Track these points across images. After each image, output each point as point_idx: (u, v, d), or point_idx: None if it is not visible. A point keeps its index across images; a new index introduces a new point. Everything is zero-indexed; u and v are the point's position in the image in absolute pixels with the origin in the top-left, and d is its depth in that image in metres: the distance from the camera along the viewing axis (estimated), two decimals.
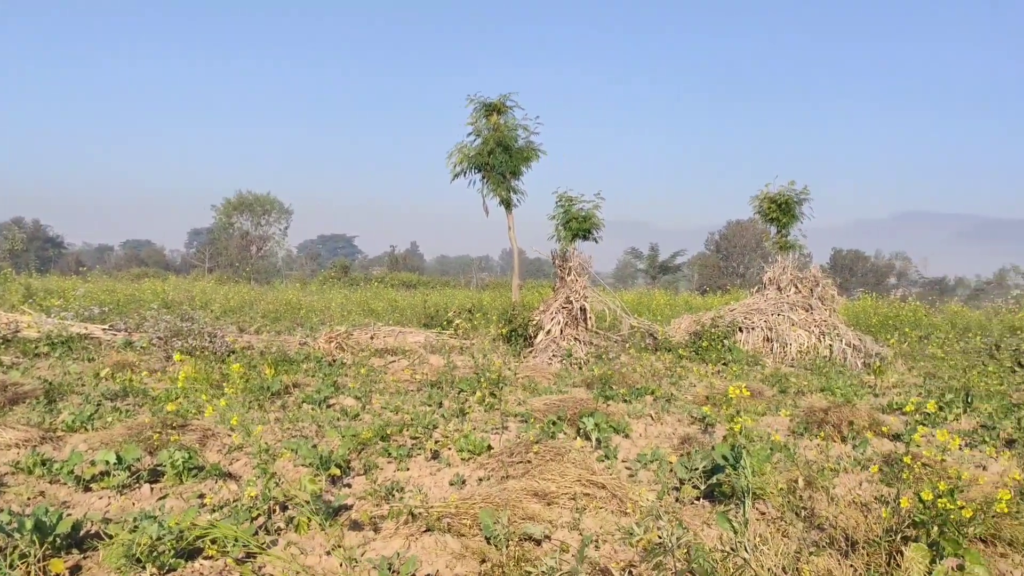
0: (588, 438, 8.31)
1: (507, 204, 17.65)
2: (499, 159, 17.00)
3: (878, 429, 8.50)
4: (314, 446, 7.30)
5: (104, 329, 15.41)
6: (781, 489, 5.69)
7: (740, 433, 6.07)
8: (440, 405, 10.15)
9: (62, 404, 9.49)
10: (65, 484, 6.43)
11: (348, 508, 6.01)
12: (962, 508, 4.32)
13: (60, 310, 16.66)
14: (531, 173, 18.05)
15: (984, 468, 7.53)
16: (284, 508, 5.87)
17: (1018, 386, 12.57)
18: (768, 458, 6.72)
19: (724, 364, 14.81)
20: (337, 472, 6.66)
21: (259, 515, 5.68)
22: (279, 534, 5.48)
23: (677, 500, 6.34)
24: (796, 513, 5.69)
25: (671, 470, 6.89)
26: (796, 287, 17.82)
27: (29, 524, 4.74)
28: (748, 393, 5.93)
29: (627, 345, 15.82)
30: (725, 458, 5.98)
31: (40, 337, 14.47)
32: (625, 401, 10.76)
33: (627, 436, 8.81)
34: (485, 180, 17.42)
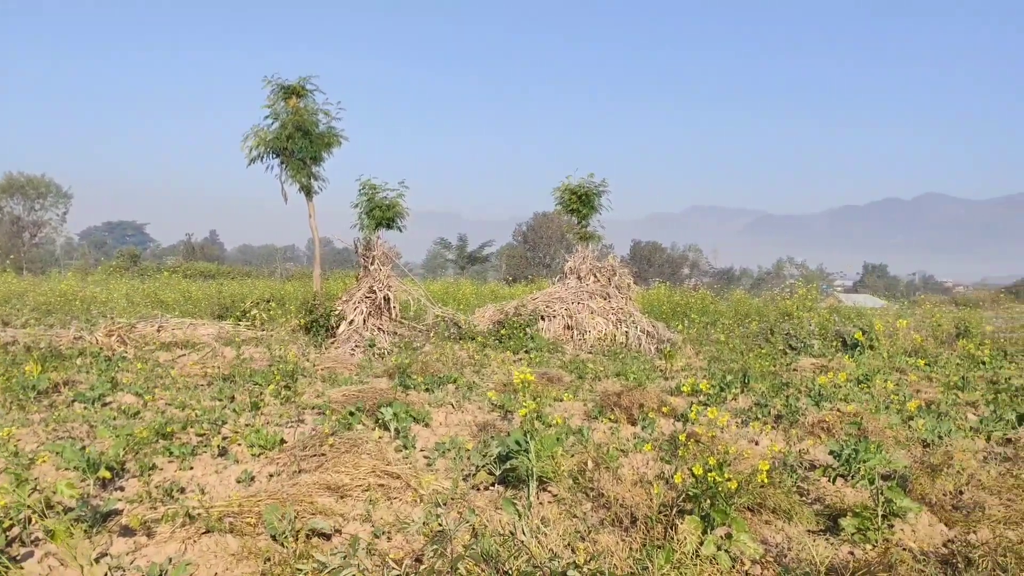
0: (387, 428, 8.16)
1: (308, 191, 17.00)
2: (299, 144, 16.33)
3: (665, 410, 8.97)
4: (83, 447, 6.65)
5: None
6: (571, 471, 5.83)
7: (535, 419, 6.16)
8: (232, 399, 9.62)
9: None
10: None
11: (118, 513, 5.51)
12: (729, 480, 4.60)
13: None
14: (337, 161, 17.55)
15: (756, 443, 8.14)
16: (43, 517, 5.28)
17: (787, 366, 13.77)
18: (561, 442, 6.88)
19: (526, 352, 15.13)
20: (108, 475, 6.08)
21: (12, 526, 5.08)
22: (36, 545, 4.93)
23: (473, 487, 6.35)
24: (586, 493, 5.86)
25: (468, 457, 6.89)
26: (595, 276, 18.54)
27: None
28: (532, 378, 6.03)
29: (431, 334, 15.79)
30: (518, 443, 6.04)
31: None
32: (427, 390, 10.70)
33: (427, 425, 8.74)
34: (284, 166, 16.66)
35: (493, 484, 6.35)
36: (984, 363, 14.04)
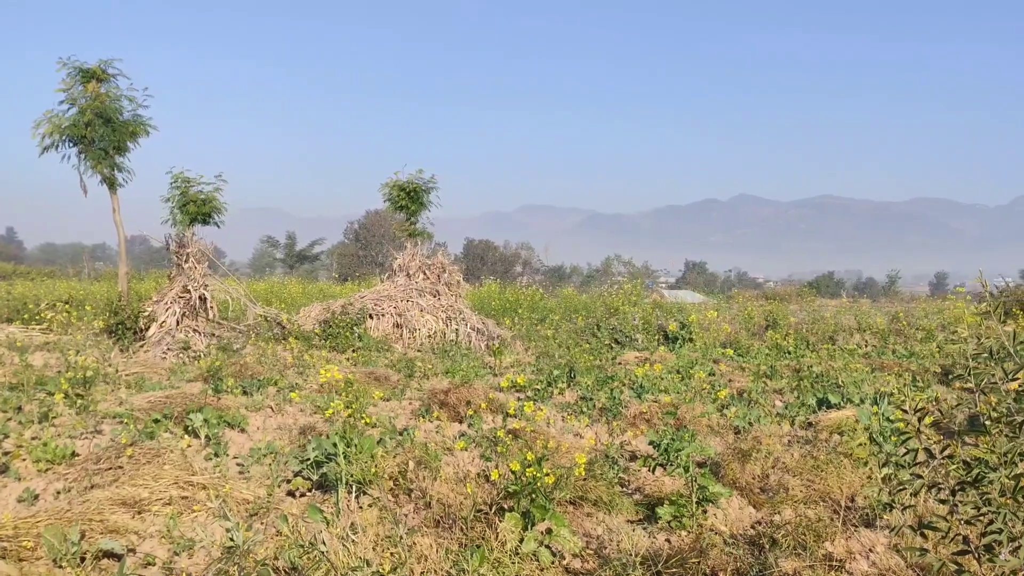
0: (197, 435, 7.63)
1: (111, 183, 15.63)
2: (99, 132, 14.96)
3: (492, 407, 8.94)
4: None
5: None
6: (391, 474, 5.65)
7: (358, 419, 5.93)
8: (19, 410, 8.70)
9: None
10: None
11: None
12: (547, 476, 4.57)
13: None
14: (149, 152, 16.29)
15: (580, 436, 8.26)
16: None
17: (613, 360, 14.19)
18: (384, 443, 6.68)
19: (353, 351, 14.74)
20: None
21: None
22: None
23: (288, 493, 6.02)
24: (408, 495, 5.69)
25: (285, 463, 6.54)
26: (425, 274, 18.38)
27: None
28: (340, 376, 5.80)
29: (252, 335, 15.05)
30: (335, 446, 5.79)
31: None
32: (244, 393, 10.14)
33: (243, 431, 8.26)
34: (83, 155, 15.24)
35: (310, 490, 6.05)
36: (789, 352, 15.09)
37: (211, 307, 14.98)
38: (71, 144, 15.19)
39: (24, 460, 6.73)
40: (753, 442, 6.59)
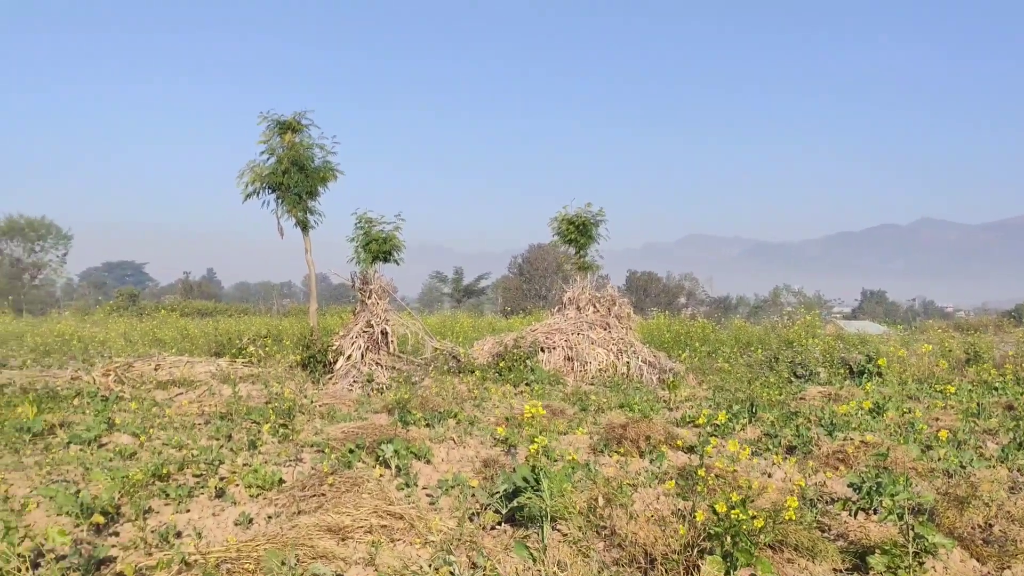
0: (388, 466, 7.97)
1: (304, 226, 16.89)
2: (294, 179, 16.25)
3: (673, 442, 8.78)
4: (77, 491, 6.45)
5: None
6: (581, 509, 5.65)
7: (541, 453, 5.99)
8: (229, 438, 9.42)
9: None
10: None
11: (112, 560, 5.31)
12: (754, 518, 4.42)
13: None
14: (330, 195, 17.47)
15: (769, 475, 7.94)
16: (36, 566, 5.09)
17: (794, 395, 13.59)
18: (568, 478, 6.71)
19: (527, 384, 14.94)
20: (102, 519, 5.91)
21: None
22: None
23: (479, 527, 6.16)
24: (597, 532, 5.66)
25: (473, 495, 6.70)
26: (595, 307, 18.40)
27: None
28: (543, 412, 5.86)
29: (430, 368, 15.59)
30: (525, 480, 5.86)
31: None
32: (427, 425, 10.50)
33: (428, 462, 8.55)
34: (280, 201, 16.58)
35: (500, 523, 6.16)
36: (997, 388, 13.85)
37: (392, 341, 15.67)
38: (270, 191, 16.57)
39: (237, 485, 7.28)
40: (969, 488, 6.07)
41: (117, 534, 6.00)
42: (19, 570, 4.96)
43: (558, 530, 5.59)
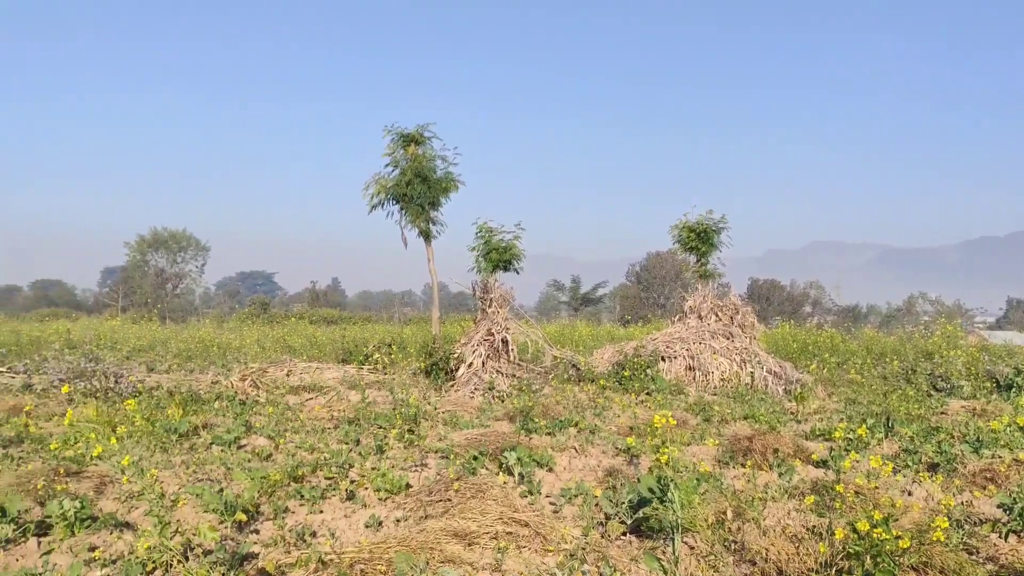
0: (511, 473, 8.03)
1: (426, 235, 17.34)
2: (417, 190, 16.73)
3: (803, 456, 8.46)
4: (220, 490, 6.82)
5: (2, 371, 14.47)
6: (710, 522, 5.52)
7: (666, 464, 5.90)
8: (357, 443, 9.72)
9: None
10: None
11: (254, 557, 5.58)
12: (899, 538, 4.20)
13: None
14: (452, 205, 17.85)
15: (910, 494, 7.54)
16: (185, 559, 5.40)
17: (935, 409, 12.84)
18: (695, 489, 6.57)
19: (647, 394, 14.75)
20: (244, 517, 6.21)
21: (155, 568, 5.22)
22: None
23: (603, 536, 6.11)
24: (726, 547, 5.52)
25: (596, 504, 6.67)
26: (717, 315, 17.99)
27: None
28: (675, 422, 5.76)
29: (550, 377, 15.63)
30: (651, 490, 5.79)
31: None
32: (548, 434, 10.53)
33: (551, 470, 8.56)
34: (404, 211, 17.09)
35: (625, 534, 6.10)
36: None
37: (512, 349, 15.81)
38: (394, 202, 17.11)
39: (367, 489, 7.51)
40: None
41: (257, 532, 6.29)
42: (171, 563, 5.28)
43: (685, 543, 5.48)
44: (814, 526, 5.51)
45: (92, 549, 5.74)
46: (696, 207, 18.75)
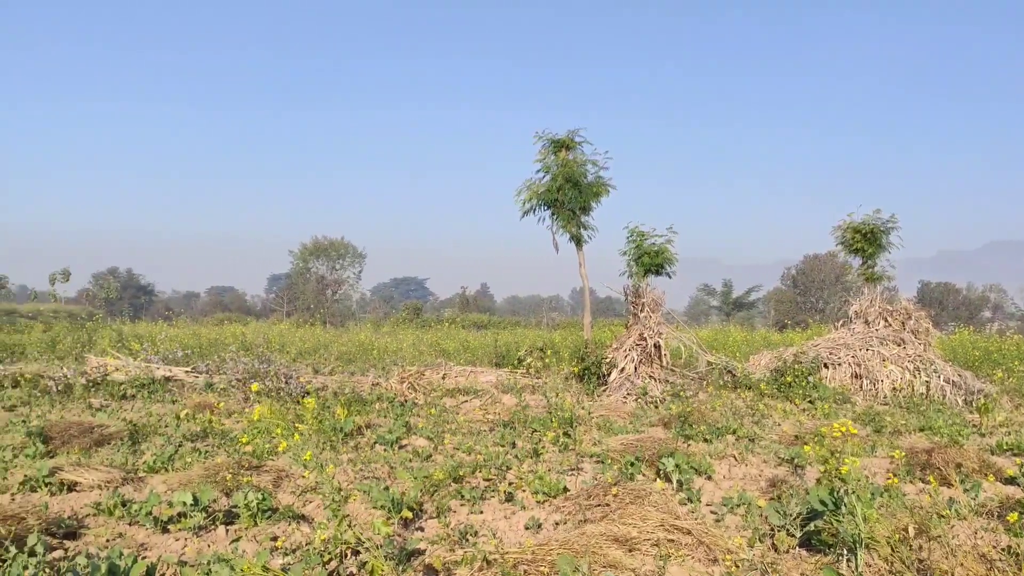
0: (669, 480, 7.88)
1: (578, 240, 17.36)
2: (569, 195, 16.77)
3: (991, 472, 7.81)
4: (386, 488, 7.08)
5: (187, 371, 15.67)
6: (889, 538, 5.18)
7: (846, 475, 5.59)
8: (513, 445, 9.84)
9: (145, 445, 9.59)
10: (143, 526, 6.36)
11: (421, 553, 5.75)
12: None
13: (146, 354, 17.01)
14: (602, 209, 17.79)
15: None
16: (356, 552, 5.64)
17: None
18: (871, 503, 6.20)
19: (809, 402, 14.10)
20: (409, 515, 6.40)
21: (331, 559, 5.47)
22: None
23: (772, 548, 5.87)
24: (905, 565, 5.17)
25: (761, 515, 6.42)
26: (886, 320, 16.97)
27: (104, 568, 4.64)
28: (855, 430, 5.46)
29: (704, 383, 15.26)
30: (823, 503, 5.51)
31: (127, 380, 14.78)
32: (705, 441, 10.27)
33: (710, 478, 8.34)
34: (555, 216, 17.20)
35: (794, 547, 5.83)
36: None
37: (665, 354, 15.55)
38: (545, 207, 17.24)
39: (524, 491, 7.58)
40: None
41: (422, 529, 6.48)
42: (345, 554, 5.52)
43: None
44: (1008, 546, 5.06)
45: (274, 539, 6.09)
46: (862, 207, 17.77)
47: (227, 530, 6.36)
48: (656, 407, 13.44)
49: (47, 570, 5.02)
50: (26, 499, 6.97)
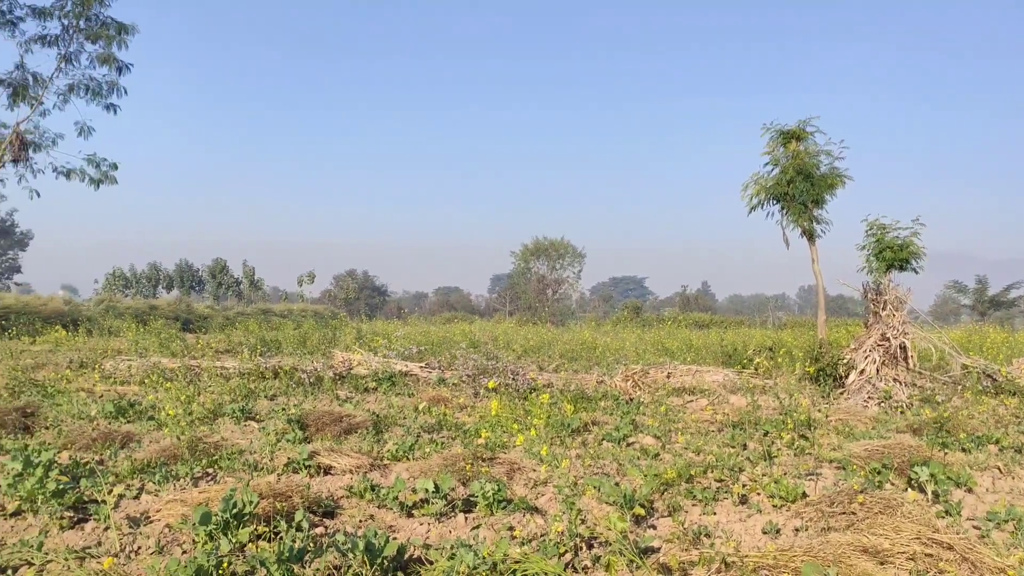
0: (922, 490, 7.29)
1: (810, 235, 16.48)
2: (800, 188, 15.98)
3: None
4: (616, 484, 7.13)
5: (421, 367, 16.67)
6: None
7: None
8: (744, 447, 9.54)
9: (387, 435, 10.31)
10: (390, 509, 6.85)
11: (655, 551, 5.73)
12: None
13: (385, 350, 18.32)
14: (837, 202, 16.80)
15: None
16: (589, 546, 5.73)
17: None
18: None
19: None
20: (641, 512, 6.41)
21: (566, 551, 5.60)
22: (586, 572, 5.34)
23: None
24: None
25: None
26: None
27: (361, 545, 5.06)
28: None
29: (960, 388, 13.92)
30: None
31: (368, 374, 16.00)
32: (964, 450, 9.38)
33: (970, 490, 7.61)
34: (785, 211, 16.45)
35: None
36: None
37: (911, 356, 14.38)
38: (774, 202, 16.56)
39: (759, 494, 7.32)
40: None
41: (654, 527, 6.45)
42: (580, 547, 5.63)
43: None
44: None
45: (510, 528, 6.33)
46: None
47: (466, 518, 6.69)
48: (902, 412, 12.46)
49: (311, 544, 5.54)
50: (290, 479, 7.73)
